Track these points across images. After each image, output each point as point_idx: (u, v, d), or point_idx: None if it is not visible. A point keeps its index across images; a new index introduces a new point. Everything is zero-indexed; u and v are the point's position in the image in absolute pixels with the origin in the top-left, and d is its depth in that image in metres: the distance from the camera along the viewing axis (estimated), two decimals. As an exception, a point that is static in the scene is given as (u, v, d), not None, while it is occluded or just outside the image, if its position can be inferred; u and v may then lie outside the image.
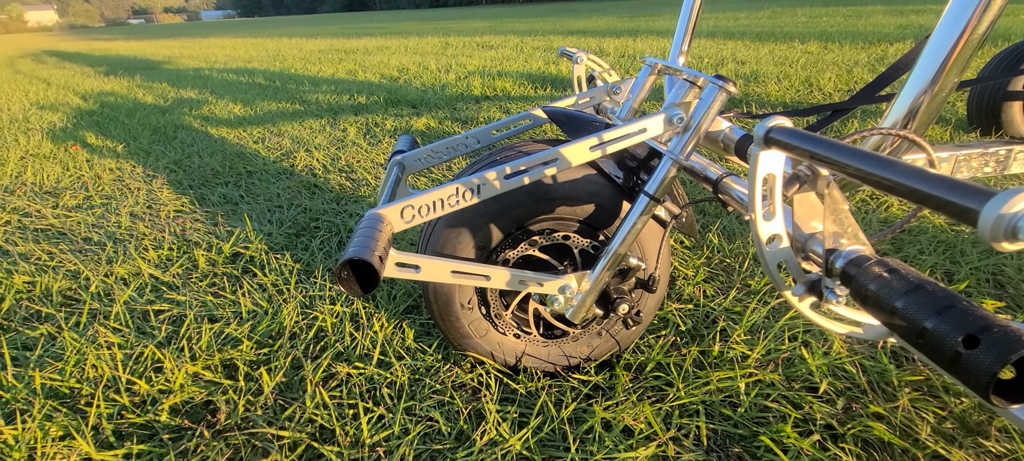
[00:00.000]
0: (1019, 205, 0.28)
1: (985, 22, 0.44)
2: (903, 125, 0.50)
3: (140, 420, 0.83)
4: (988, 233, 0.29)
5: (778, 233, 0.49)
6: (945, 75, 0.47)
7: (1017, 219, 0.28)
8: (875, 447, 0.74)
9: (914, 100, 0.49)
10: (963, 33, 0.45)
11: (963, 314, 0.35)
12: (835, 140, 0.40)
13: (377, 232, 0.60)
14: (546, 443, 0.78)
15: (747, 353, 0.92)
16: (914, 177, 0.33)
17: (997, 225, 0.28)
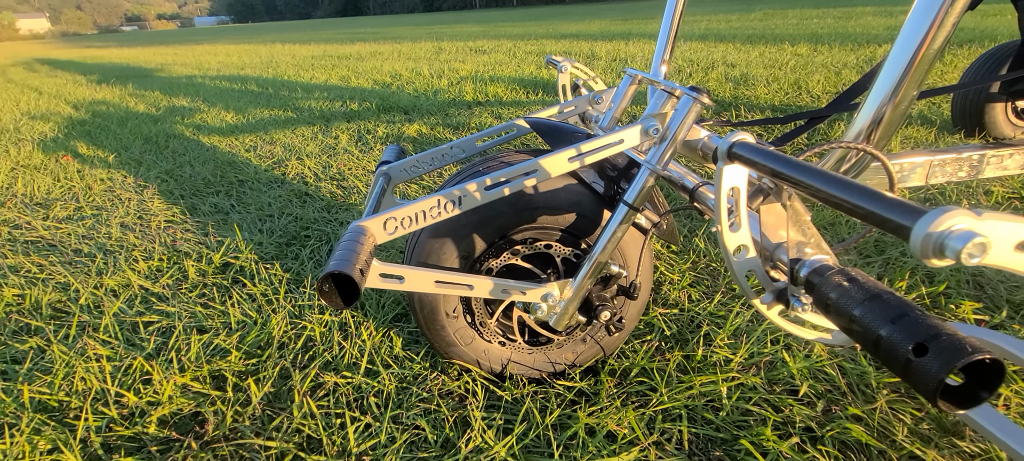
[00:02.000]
0: (945, 224, 0.29)
1: (940, 38, 0.46)
2: (866, 136, 0.52)
3: (128, 433, 0.83)
4: (918, 250, 0.30)
5: (744, 243, 0.51)
6: (904, 88, 0.48)
7: (944, 237, 0.29)
8: (852, 449, 0.76)
9: (875, 113, 0.50)
10: (920, 49, 0.47)
11: (914, 323, 0.36)
12: (788, 156, 0.41)
13: (359, 245, 0.61)
14: (531, 449, 0.79)
15: (730, 357, 0.94)
16: (856, 194, 0.35)
17: (925, 242, 0.30)
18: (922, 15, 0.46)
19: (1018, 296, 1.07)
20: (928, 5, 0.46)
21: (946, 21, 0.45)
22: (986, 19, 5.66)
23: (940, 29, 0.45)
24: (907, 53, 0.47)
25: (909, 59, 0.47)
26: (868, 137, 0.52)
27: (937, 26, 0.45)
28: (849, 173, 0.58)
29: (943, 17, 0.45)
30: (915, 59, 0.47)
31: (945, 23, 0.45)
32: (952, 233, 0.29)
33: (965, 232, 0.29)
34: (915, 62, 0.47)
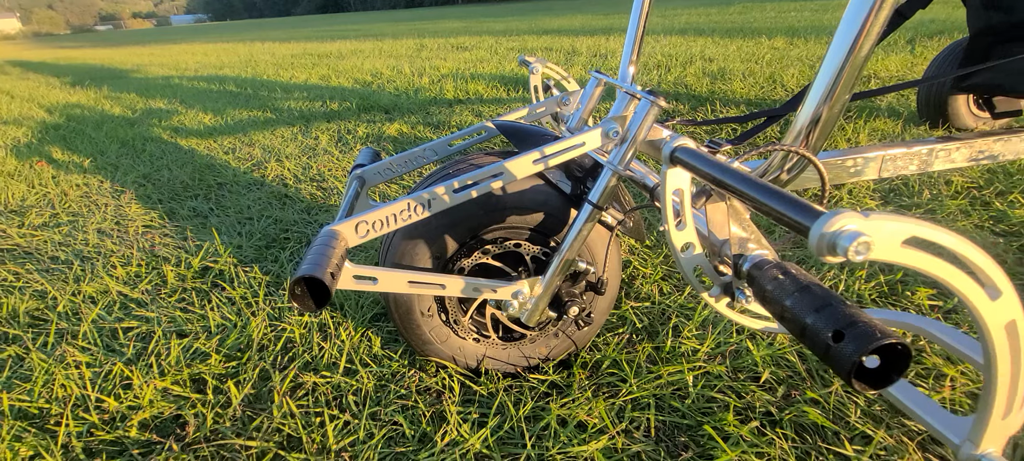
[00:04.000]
0: (837, 225, 0.33)
1: (867, 46, 0.49)
2: (805, 138, 0.55)
3: (109, 437, 0.85)
4: (815, 248, 0.34)
5: (691, 241, 0.54)
6: (837, 93, 0.52)
7: (835, 237, 0.33)
8: (808, 430, 0.80)
9: (812, 116, 0.54)
10: (849, 56, 0.50)
11: (834, 312, 0.40)
12: (719, 161, 0.44)
13: (330, 249, 0.64)
14: (505, 441, 0.82)
15: (697, 347, 0.97)
16: (769, 196, 0.38)
17: (821, 241, 0.33)
18: (850, 25, 0.50)
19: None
20: (855, 16, 0.49)
21: (872, 30, 0.48)
22: (958, 10, 5.79)
23: (866, 38, 0.49)
24: (838, 60, 0.51)
25: (840, 66, 0.51)
26: (806, 138, 0.55)
27: (864, 35, 0.49)
28: (792, 172, 0.61)
29: (869, 27, 0.48)
30: (845, 65, 0.51)
31: (871, 32, 0.48)
32: (842, 233, 0.33)
33: (852, 232, 0.32)
34: (846, 68, 0.51)
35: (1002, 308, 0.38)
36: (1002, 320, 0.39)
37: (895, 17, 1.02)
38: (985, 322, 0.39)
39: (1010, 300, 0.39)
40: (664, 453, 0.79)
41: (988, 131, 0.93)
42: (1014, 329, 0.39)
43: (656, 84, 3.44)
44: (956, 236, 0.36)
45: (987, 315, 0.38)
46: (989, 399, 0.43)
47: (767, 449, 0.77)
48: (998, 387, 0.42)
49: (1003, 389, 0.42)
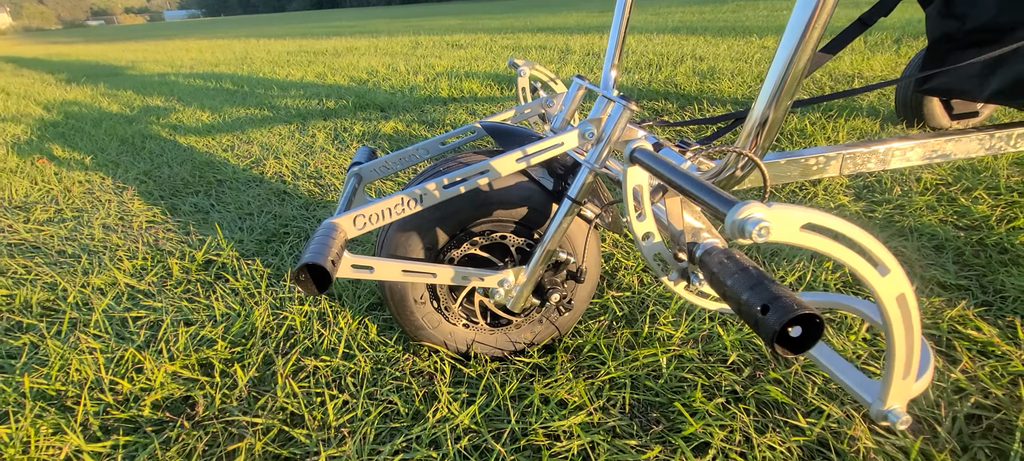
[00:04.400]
0: (744, 213, 0.40)
1: (804, 56, 0.56)
2: (753, 140, 0.62)
3: (124, 415, 0.91)
4: (728, 231, 0.40)
5: (650, 231, 0.61)
6: (780, 100, 0.59)
7: (743, 222, 0.39)
8: (769, 406, 0.87)
9: (757, 121, 0.61)
10: (790, 66, 0.57)
11: (763, 289, 0.47)
12: (668, 161, 0.51)
13: (331, 239, 0.70)
14: (491, 417, 0.89)
15: (672, 333, 1.05)
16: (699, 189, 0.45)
17: (733, 226, 0.40)
18: (790, 38, 0.56)
19: (929, 273, 1.20)
20: (795, 29, 0.56)
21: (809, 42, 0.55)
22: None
23: (804, 50, 0.55)
24: (781, 68, 0.58)
25: (783, 73, 0.58)
26: (755, 140, 0.62)
27: (802, 47, 0.55)
28: (745, 169, 0.68)
29: (807, 39, 0.55)
30: (787, 73, 0.57)
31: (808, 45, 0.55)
32: (748, 219, 0.39)
33: (755, 219, 0.39)
34: (787, 78, 0.58)
35: (892, 283, 0.46)
36: (893, 293, 0.46)
37: (857, 25, 1.09)
38: (879, 295, 0.46)
39: (898, 276, 0.46)
40: (637, 427, 0.86)
41: (942, 131, 1.01)
42: (904, 300, 0.47)
43: (647, 83, 3.51)
44: (848, 222, 0.43)
45: (880, 289, 0.46)
46: (891, 362, 0.50)
47: (730, 422, 0.84)
48: (896, 351, 0.49)
49: (901, 352, 0.49)
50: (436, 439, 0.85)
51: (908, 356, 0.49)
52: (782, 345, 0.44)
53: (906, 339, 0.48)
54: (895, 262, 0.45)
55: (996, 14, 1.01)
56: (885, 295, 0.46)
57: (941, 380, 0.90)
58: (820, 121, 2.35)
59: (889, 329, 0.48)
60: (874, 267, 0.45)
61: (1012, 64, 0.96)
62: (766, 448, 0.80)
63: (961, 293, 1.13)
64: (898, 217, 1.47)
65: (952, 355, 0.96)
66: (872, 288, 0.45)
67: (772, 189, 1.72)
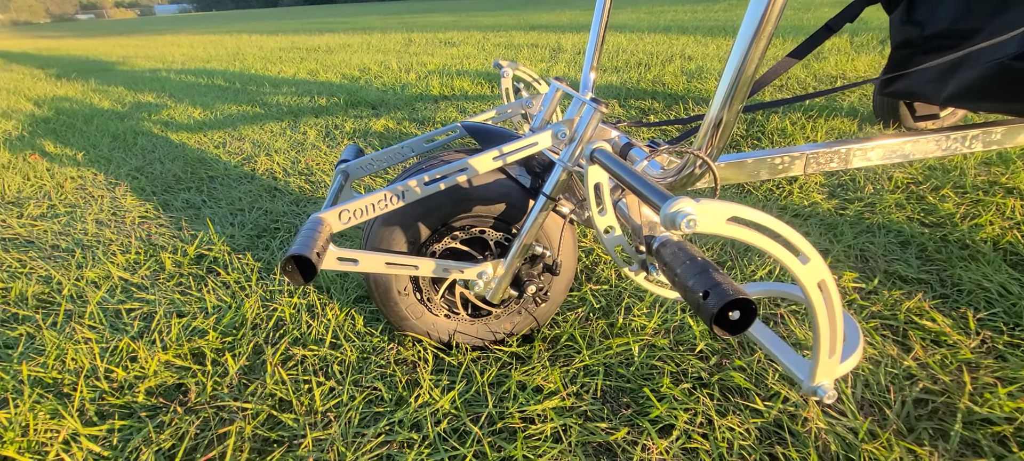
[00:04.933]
0: (675, 207, 0.44)
1: (752, 63, 0.61)
2: (708, 142, 0.67)
3: (119, 402, 0.95)
4: (662, 223, 0.45)
5: (611, 225, 0.66)
6: (732, 103, 0.63)
7: (674, 215, 0.44)
8: (732, 391, 0.93)
9: (712, 124, 0.66)
10: (741, 71, 0.62)
11: (706, 277, 0.52)
12: (618, 159, 0.56)
13: (316, 233, 0.75)
14: (471, 402, 0.94)
15: (645, 323, 1.10)
16: (641, 185, 0.50)
17: (666, 218, 0.45)
18: (741, 44, 0.61)
19: (892, 267, 1.26)
20: (745, 36, 0.61)
21: (757, 48, 0.60)
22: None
23: (752, 58, 0.60)
24: (732, 74, 0.62)
25: (734, 79, 0.62)
26: (710, 142, 0.67)
27: (751, 52, 0.60)
28: (702, 168, 0.73)
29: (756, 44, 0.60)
30: (739, 79, 0.62)
31: (756, 51, 0.60)
32: (678, 212, 0.44)
33: (684, 212, 0.44)
34: (739, 82, 0.62)
35: (812, 270, 0.51)
36: (814, 279, 0.51)
37: (824, 31, 1.15)
38: (801, 282, 0.51)
39: (817, 264, 0.51)
40: (607, 411, 0.91)
41: (900, 132, 1.06)
42: (824, 286, 0.52)
43: (635, 82, 3.56)
44: (771, 217, 0.48)
45: (802, 276, 0.51)
46: (816, 342, 0.55)
47: (694, 405, 0.89)
48: (821, 332, 0.54)
49: (825, 333, 0.54)
50: (417, 422, 0.90)
51: (832, 337, 0.54)
52: (721, 327, 0.49)
53: (829, 321, 0.53)
54: (814, 252, 0.50)
55: (952, 21, 1.07)
56: (806, 281, 0.51)
57: (893, 367, 0.96)
58: (801, 121, 2.41)
59: (813, 312, 0.53)
60: (796, 257, 0.50)
61: (966, 69, 1.02)
62: (726, 429, 0.85)
63: (921, 286, 1.19)
64: (868, 214, 1.53)
65: (906, 344, 1.02)
66: (795, 275, 0.50)
67: (750, 187, 1.77)
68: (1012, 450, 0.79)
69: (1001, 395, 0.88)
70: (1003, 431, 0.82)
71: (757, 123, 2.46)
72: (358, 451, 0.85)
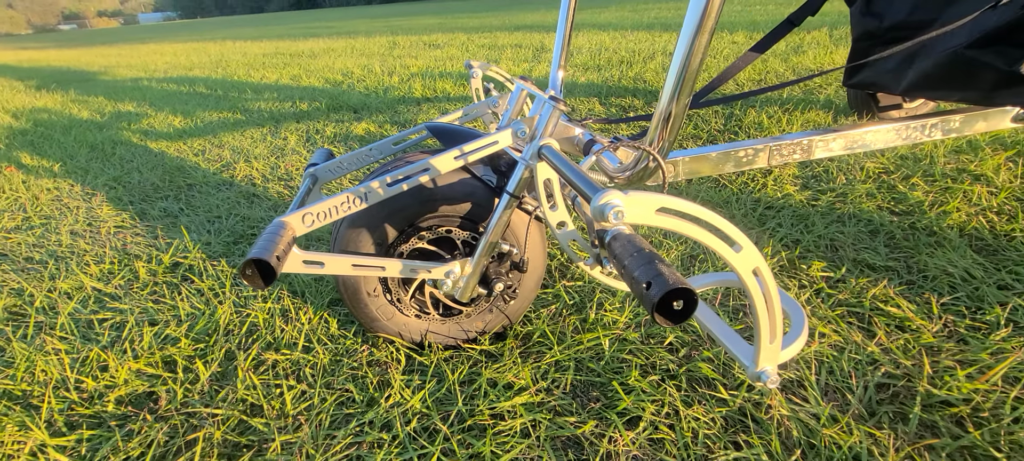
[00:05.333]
0: (604, 199, 0.45)
1: (697, 57, 0.62)
2: (657, 138, 0.68)
3: (89, 411, 0.95)
4: (594, 214, 0.46)
5: (564, 220, 0.67)
6: (679, 98, 0.65)
7: (604, 207, 0.45)
8: (698, 382, 0.94)
9: (660, 120, 0.67)
10: (686, 66, 0.63)
11: (650, 268, 0.53)
12: (562, 156, 0.57)
13: (278, 236, 0.75)
14: (442, 401, 0.94)
15: (617, 318, 1.11)
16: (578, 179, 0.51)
17: (596, 210, 0.46)
18: (685, 40, 0.62)
19: (861, 256, 1.28)
20: (688, 32, 0.62)
21: (700, 44, 0.61)
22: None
23: (696, 53, 0.61)
24: (677, 69, 0.64)
25: (679, 74, 0.64)
26: (660, 137, 0.68)
27: (695, 47, 0.61)
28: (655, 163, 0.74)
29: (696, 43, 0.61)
30: (684, 74, 0.63)
31: (699, 46, 0.61)
32: (607, 204, 0.45)
33: (611, 204, 0.45)
34: (685, 77, 0.64)
35: (745, 258, 0.52)
36: (748, 266, 0.52)
37: (785, 25, 1.17)
38: (736, 269, 0.52)
39: (750, 252, 0.52)
40: (577, 405, 0.92)
41: (860, 123, 1.08)
42: (759, 272, 0.53)
43: (617, 80, 3.58)
44: (701, 207, 0.50)
45: (736, 264, 0.52)
46: (757, 328, 0.56)
47: (661, 397, 0.90)
48: (759, 318, 0.55)
49: (764, 319, 0.55)
50: (388, 422, 0.90)
51: (771, 323, 0.55)
52: (663, 316, 0.50)
53: (766, 307, 0.54)
54: (747, 240, 0.51)
55: (909, 12, 1.09)
56: (741, 269, 0.52)
57: (857, 353, 0.98)
58: (777, 114, 2.44)
59: (750, 299, 0.54)
60: (729, 246, 0.51)
61: (922, 59, 1.04)
62: (692, 419, 0.86)
63: (888, 274, 1.21)
64: (839, 204, 1.55)
65: (871, 330, 1.04)
66: (729, 263, 0.52)
67: (725, 181, 1.79)
68: (968, 430, 0.81)
69: (960, 377, 0.90)
70: (960, 412, 0.84)
71: (735, 118, 2.49)
72: (327, 452, 0.85)
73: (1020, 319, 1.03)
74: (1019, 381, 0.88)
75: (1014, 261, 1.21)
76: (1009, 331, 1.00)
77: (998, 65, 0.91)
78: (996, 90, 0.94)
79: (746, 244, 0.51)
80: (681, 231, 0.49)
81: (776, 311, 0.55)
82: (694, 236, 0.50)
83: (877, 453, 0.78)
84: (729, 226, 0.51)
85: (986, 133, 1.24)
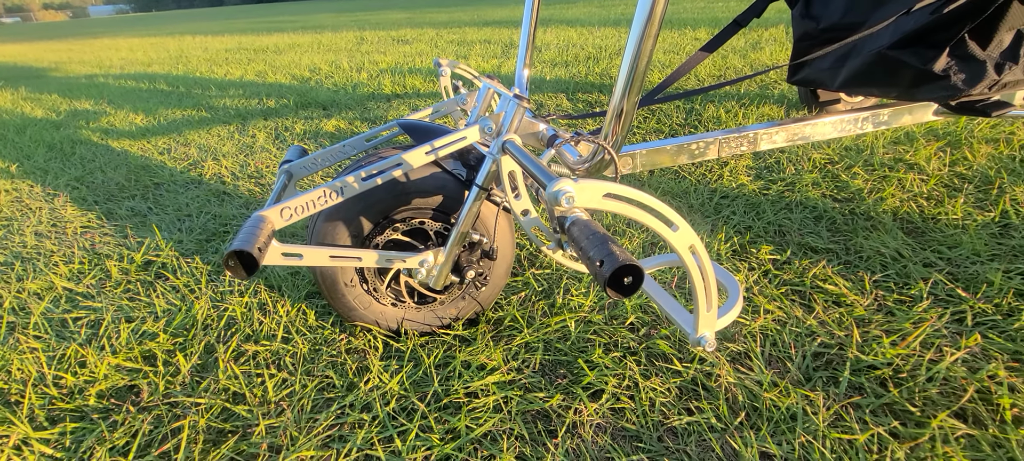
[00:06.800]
0: (556, 187, 0.52)
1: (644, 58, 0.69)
2: (610, 132, 0.75)
3: (70, 406, 0.97)
4: (548, 201, 0.53)
5: (527, 208, 0.73)
6: (630, 95, 0.72)
7: (556, 193, 0.52)
8: (656, 357, 1.02)
9: (613, 116, 0.74)
10: (635, 65, 0.70)
11: (603, 248, 0.60)
12: (523, 149, 0.63)
13: (258, 229, 0.79)
14: (418, 383, 1.00)
15: (583, 302, 1.19)
16: (535, 169, 0.57)
17: (551, 197, 0.53)
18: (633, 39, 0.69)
19: (805, 239, 1.39)
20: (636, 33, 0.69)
21: (647, 44, 0.68)
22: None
23: (642, 54, 0.68)
24: (627, 68, 0.71)
25: (629, 73, 0.71)
26: (613, 131, 0.75)
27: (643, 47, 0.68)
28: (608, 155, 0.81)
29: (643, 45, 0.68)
30: (634, 72, 0.71)
31: (646, 46, 0.68)
32: (560, 191, 0.52)
33: (563, 190, 0.52)
34: (634, 75, 0.71)
35: (682, 237, 0.59)
36: (685, 244, 0.60)
37: (733, 26, 1.26)
38: (674, 247, 0.60)
39: (686, 231, 0.60)
40: (545, 382, 0.99)
41: (800, 117, 1.18)
42: (695, 250, 0.60)
43: (584, 76, 3.67)
44: (642, 193, 0.57)
45: (674, 242, 0.59)
46: (695, 299, 0.64)
47: (622, 371, 0.98)
48: (697, 289, 0.63)
49: (700, 290, 0.63)
50: (368, 404, 0.96)
51: (707, 294, 0.63)
52: (615, 290, 0.57)
53: (702, 280, 0.62)
54: (682, 221, 0.59)
55: (842, 15, 1.20)
56: (678, 246, 0.59)
57: (797, 326, 1.08)
58: (734, 108, 2.56)
59: (688, 273, 0.62)
60: (668, 226, 0.58)
61: (853, 58, 1.14)
62: (650, 390, 0.95)
63: (828, 255, 1.32)
64: (788, 193, 1.67)
65: (810, 305, 1.14)
66: (667, 242, 0.59)
67: (683, 172, 1.89)
68: (889, 389, 0.92)
69: (885, 345, 1.01)
70: (883, 374, 0.95)
71: (695, 112, 2.61)
72: (310, 434, 0.90)
73: (939, 292, 1.15)
74: (932, 345, 0.99)
75: (938, 241, 1.34)
76: (929, 302, 1.12)
77: (915, 64, 1.01)
78: (915, 86, 1.05)
79: (682, 225, 0.59)
80: (626, 214, 0.56)
81: (711, 283, 0.63)
82: (638, 218, 0.57)
83: (810, 412, 0.88)
84: (667, 209, 0.58)
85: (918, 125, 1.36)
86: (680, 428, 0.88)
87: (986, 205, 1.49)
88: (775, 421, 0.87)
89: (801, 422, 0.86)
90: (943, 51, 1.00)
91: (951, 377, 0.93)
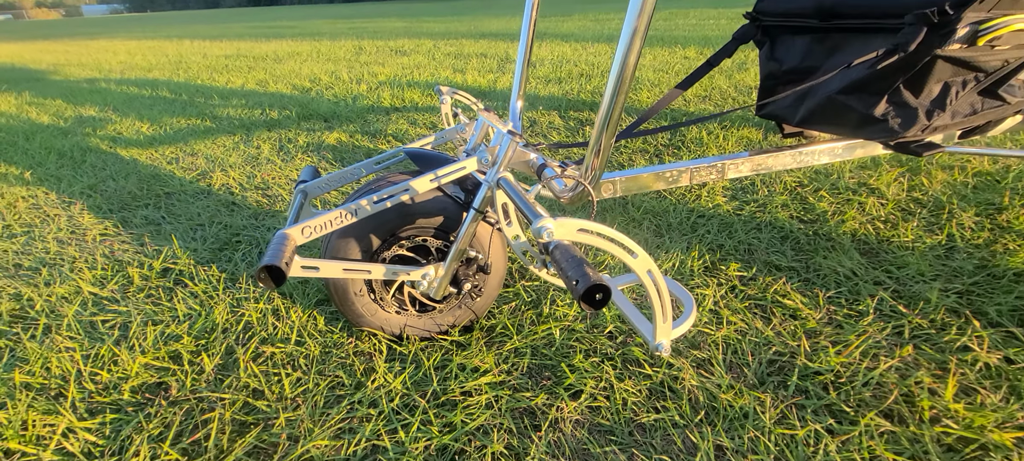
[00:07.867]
0: (539, 223, 0.65)
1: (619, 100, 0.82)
2: (589, 168, 0.89)
3: (107, 399, 1.08)
4: (533, 233, 0.66)
5: (518, 234, 0.86)
6: (608, 131, 0.85)
7: (539, 229, 0.65)
8: (631, 362, 1.16)
9: (592, 152, 0.87)
10: (612, 110, 0.83)
11: (578, 270, 0.73)
12: (515, 189, 0.76)
13: (283, 246, 0.92)
14: (419, 383, 1.12)
15: (567, 312, 1.32)
16: (523, 206, 0.70)
17: (534, 231, 0.66)
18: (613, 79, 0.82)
19: (770, 258, 1.53)
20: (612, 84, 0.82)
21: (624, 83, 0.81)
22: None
23: (616, 105, 0.82)
24: (604, 114, 0.84)
25: (604, 118, 0.84)
26: (592, 166, 0.89)
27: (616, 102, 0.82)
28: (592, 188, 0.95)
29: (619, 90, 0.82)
30: (608, 119, 0.84)
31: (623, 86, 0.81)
32: (542, 227, 0.65)
33: (544, 226, 0.65)
34: (611, 115, 0.84)
35: (641, 262, 0.73)
36: (643, 268, 0.73)
37: (705, 66, 1.40)
38: (635, 270, 0.73)
39: (643, 258, 0.73)
40: (532, 383, 1.12)
41: (764, 149, 1.32)
42: (651, 271, 0.74)
43: (576, 93, 3.82)
44: (609, 228, 0.70)
45: (634, 266, 0.73)
46: (653, 312, 0.77)
47: (600, 374, 1.11)
48: (654, 304, 0.76)
49: (657, 305, 0.76)
50: (375, 401, 1.08)
51: (662, 308, 0.76)
52: (587, 304, 0.71)
53: (658, 296, 0.75)
54: (641, 249, 0.72)
55: (801, 60, 1.34)
56: (638, 269, 0.72)
57: (756, 337, 1.21)
58: (716, 131, 2.72)
59: (647, 291, 0.75)
60: (629, 254, 0.71)
61: (809, 99, 1.29)
62: (624, 391, 1.08)
63: (790, 273, 1.46)
64: (759, 214, 1.82)
65: (769, 318, 1.28)
66: (630, 266, 0.72)
67: (664, 194, 2.03)
68: (830, 392, 1.05)
69: (831, 354, 1.15)
70: (826, 379, 1.09)
71: (680, 133, 2.76)
72: (325, 426, 1.02)
73: (884, 308, 1.29)
74: (871, 354, 1.14)
75: (889, 261, 1.49)
76: (874, 317, 1.26)
77: (859, 108, 1.16)
78: (859, 127, 1.19)
79: (640, 252, 0.72)
80: (596, 245, 0.69)
81: (665, 299, 0.76)
82: (605, 248, 0.70)
83: (760, 411, 1.01)
84: (629, 240, 0.71)
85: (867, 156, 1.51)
86: (648, 424, 1.01)
87: (935, 229, 1.64)
88: (730, 419, 1.00)
89: (751, 420, 1.00)
90: (883, 98, 1.14)
91: (883, 382, 1.07)
